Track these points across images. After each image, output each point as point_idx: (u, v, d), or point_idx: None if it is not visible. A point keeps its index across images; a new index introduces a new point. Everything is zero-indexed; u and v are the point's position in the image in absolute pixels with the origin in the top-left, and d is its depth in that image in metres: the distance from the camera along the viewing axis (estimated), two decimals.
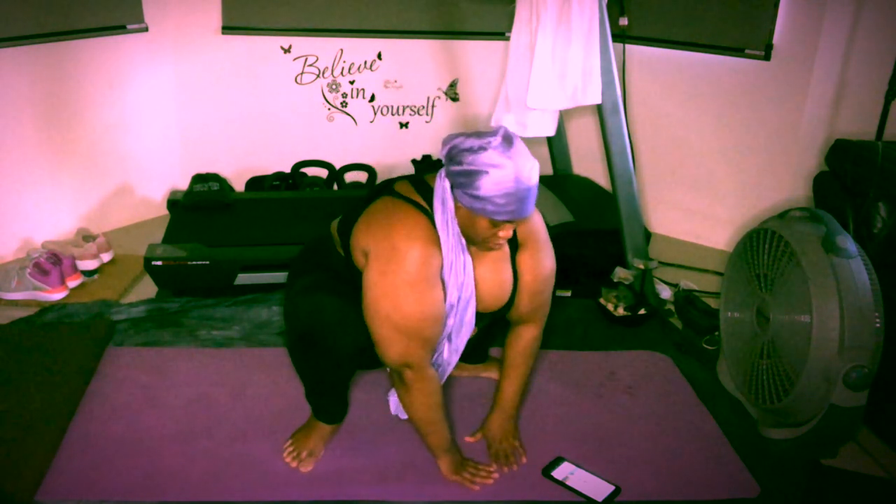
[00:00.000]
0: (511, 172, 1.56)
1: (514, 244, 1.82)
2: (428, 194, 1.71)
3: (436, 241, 1.67)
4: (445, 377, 1.84)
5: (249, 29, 3.34)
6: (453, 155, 1.61)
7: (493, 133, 1.59)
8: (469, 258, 1.73)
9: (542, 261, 1.84)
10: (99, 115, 3.15)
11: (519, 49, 2.63)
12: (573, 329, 2.55)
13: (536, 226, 1.84)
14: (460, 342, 1.80)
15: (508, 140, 1.59)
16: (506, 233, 1.66)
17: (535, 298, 1.86)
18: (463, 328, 1.77)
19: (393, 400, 1.98)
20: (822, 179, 2.52)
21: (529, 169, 1.59)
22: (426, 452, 1.90)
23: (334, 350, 1.74)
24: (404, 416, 1.91)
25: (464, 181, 1.59)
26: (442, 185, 1.66)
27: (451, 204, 1.66)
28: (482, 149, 1.57)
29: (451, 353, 1.80)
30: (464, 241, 1.71)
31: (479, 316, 1.83)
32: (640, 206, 2.76)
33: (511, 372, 1.95)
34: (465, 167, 1.58)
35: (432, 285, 1.66)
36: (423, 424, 1.79)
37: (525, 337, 1.92)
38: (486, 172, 1.56)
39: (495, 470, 1.87)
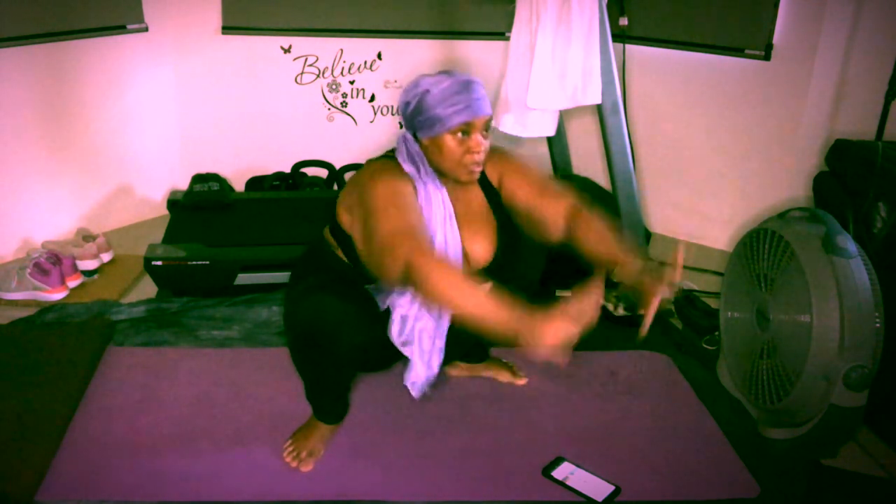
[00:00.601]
0: (448, 80, 1.71)
1: (495, 195, 1.89)
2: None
3: (404, 174, 1.76)
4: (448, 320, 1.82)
5: (249, 29, 3.34)
6: (402, 104, 1.76)
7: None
8: (446, 194, 1.80)
9: (527, 171, 1.90)
10: (99, 115, 3.15)
11: (519, 49, 2.63)
12: None
13: (507, 156, 1.92)
14: None
15: (445, 71, 1.75)
16: (475, 141, 1.72)
17: (553, 195, 1.85)
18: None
19: (410, 381, 1.83)
20: (822, 179, 2.52)
21: (467, 76, 1.73)
22: (426, 452, 1.90)
23: (335, 349, 1.74)
24: (419, 390, 1.81)
25: (414, 113, 1.72)
26: (402, 135, 1.79)
27: (414, 145, 1.77)
28: (417, 81, 1.74)
29: None
30: (439, 182, 1.79)
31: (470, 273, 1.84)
32: (640, 206, 2.76)
33: (602, 247, 1.74)
34: (413, 102, 1.72)
35: (408, 198, 1.72)
36: (475, 306, 1.49)
37: (581, 221, 1.80)
38: (428, 91, 1.70)
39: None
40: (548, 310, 1.42)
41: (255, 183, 3.48)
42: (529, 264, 2.02)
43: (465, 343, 2.03)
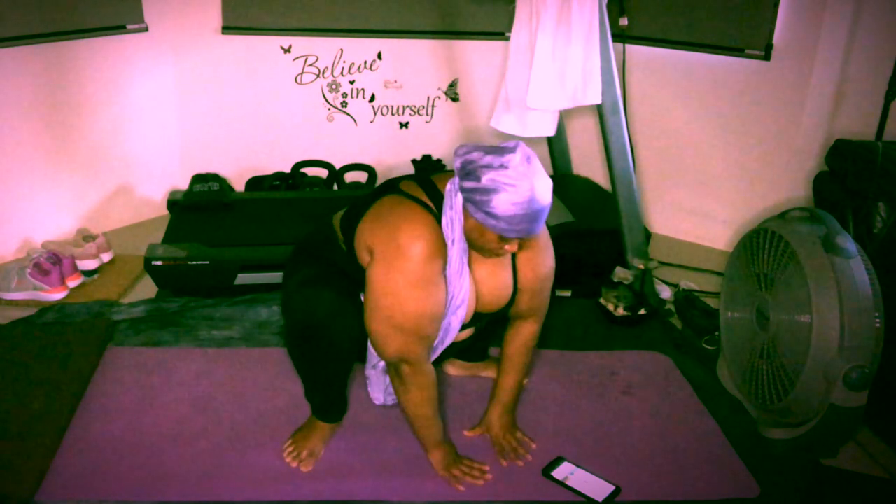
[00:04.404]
0: (527, 192, 1.55)
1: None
2: (434, 194, 1.71)
3: (441, 241, 1.67)
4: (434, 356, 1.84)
5: (249, 29, 3.34)
6: (469, 170, 1.59)
7: (511, 150, 1.58)
8: (467, 269, 1.73)
9: (542, 260, 1.85)
10: (99, 115, 3.15)
11: (519, 49, 2.63)
12: (573, 329, 2.55)
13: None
14: (440, 348, 1.81)
15: (527, 159, 1.58)
16: (512, 247, 1.66)
17: (536, 297, 1.87)
18: (447, 336, 1.78)
19: (374, 392, 1.98)
20: (822, 179, 2.52)
21: (544, 189, 1.58)
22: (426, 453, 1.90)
23: (332, 343, 1.74)
24: (389, 401, 1.95)
25: (479, 198, 1.57)
26: (453, 197, 1.65)
27: (460, 212, 1.65)
28: (502, 167, 1.55)
29: (441, 344, 1.81)
30: (466, 247, 1.71)
31: (479, 316, 1.83)
32: (640, 206, 2.76)
33: (509, 367, 1.96)
34: (482, 184, 1.56)
35: (435, 284, 1.66)
36: (416, 419, 1.81)
37: (524, 333, 1.93)
38: (504, 191, 1.54)
39: (489, 471, 1.86)
40: (447, 452, 1.87)
41: (255, 183, 3.48)
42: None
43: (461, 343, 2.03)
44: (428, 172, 1.81)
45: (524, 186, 1.54)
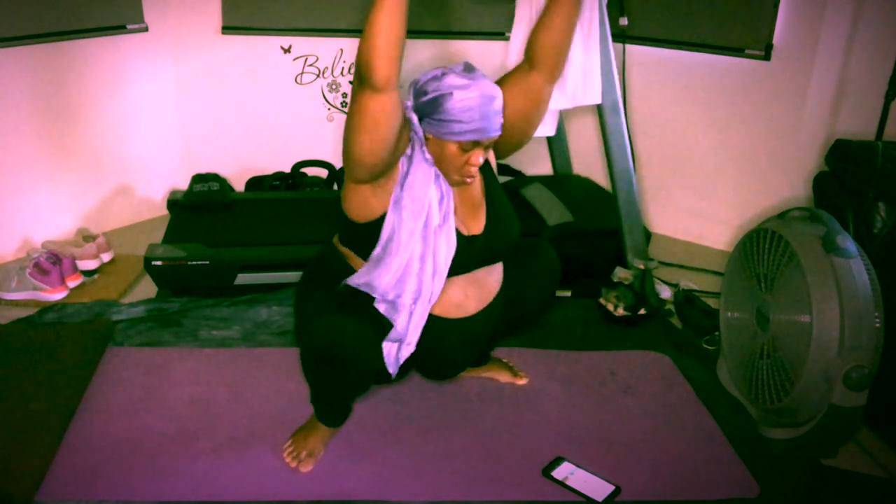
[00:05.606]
0: (474, 90, 1.64)
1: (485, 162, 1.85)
2: None
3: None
4: (433, 302, 1.79)
5: (249, 29, 3.34)
6: (419, 90, 1.70)
7: (454, 64, 1.70)
8: (441, 176, 1.74)
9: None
10: (99, 115, 3.15)
11: (519, 49, 2.63)
12: (573, 329, 2.55)
13: None
14: (442, 261, 1.76)
15: (469, 67, 1.68)
16: (476, 158, 1.70)
17: (509, 85, 1.83)
18: (445, 246, 1.75)
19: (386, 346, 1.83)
20: (822, 179, 2.52)
21: (491, 88, 1.67)
22: (426, 452, 1.91)
23: (352, 371, 1.74)
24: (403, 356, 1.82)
25: (431, 108, 1.66)
26: (407, 112, 1.71)
27: (418, 126, 1.70)
28: (445, 74, 1.67)
29: (435, 274, 1.76)
30: (431, 160, 1.73)
31: (469, 241, 1.81)
32: (640, 206, 2.76)
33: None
34: (430, 95, 1.66)
35: None
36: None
37: (531, 43, 1.86)
38: (451, 94, 1.64)
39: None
40: None
41: (255, 183, 3.48)
42: (541, 286, 2.05)
43: (476, 349, 2.03)
44: None
45: (470, 86, 1.64)
